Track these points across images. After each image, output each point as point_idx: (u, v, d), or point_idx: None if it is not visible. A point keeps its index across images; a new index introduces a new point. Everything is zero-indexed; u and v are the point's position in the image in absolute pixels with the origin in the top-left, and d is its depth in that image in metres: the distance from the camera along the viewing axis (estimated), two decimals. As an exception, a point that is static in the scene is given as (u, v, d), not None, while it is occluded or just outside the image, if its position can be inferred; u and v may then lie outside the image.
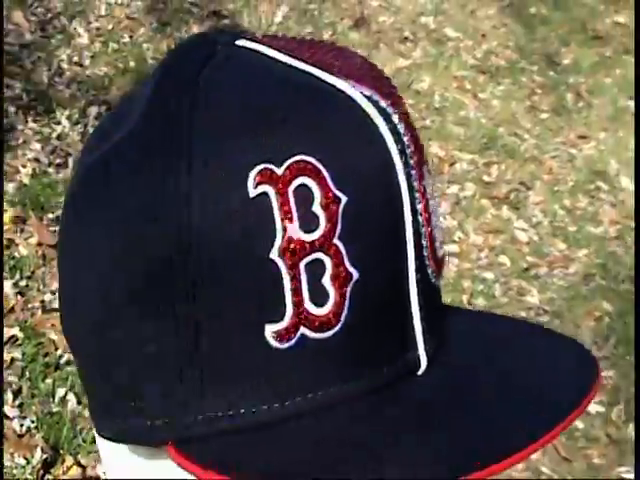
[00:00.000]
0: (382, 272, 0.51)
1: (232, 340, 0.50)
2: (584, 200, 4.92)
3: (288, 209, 0.49)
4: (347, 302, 0.50)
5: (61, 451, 2.70)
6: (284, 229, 0.49)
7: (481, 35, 6.10)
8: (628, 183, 4.98)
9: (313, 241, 0.49)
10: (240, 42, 0.57)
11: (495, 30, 6.19)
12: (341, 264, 0.49)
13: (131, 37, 4.81)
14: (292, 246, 0.49)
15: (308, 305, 0.49)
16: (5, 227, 3.32)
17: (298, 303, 0.49)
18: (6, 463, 2.61)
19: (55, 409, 2.80)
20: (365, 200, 0.50)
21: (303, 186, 0.49)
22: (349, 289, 0.50)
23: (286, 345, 0.50)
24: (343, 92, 0.52)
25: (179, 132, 0.51)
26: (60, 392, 2.85)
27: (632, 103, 5.48)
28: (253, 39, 0.57)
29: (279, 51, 0.55)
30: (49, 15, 4.65)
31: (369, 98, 0.52)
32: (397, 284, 0.52)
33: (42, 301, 3.12)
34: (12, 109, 3.86)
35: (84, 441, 2.73)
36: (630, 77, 5.65)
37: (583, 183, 5.05)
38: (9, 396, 2.79)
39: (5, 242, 3.27)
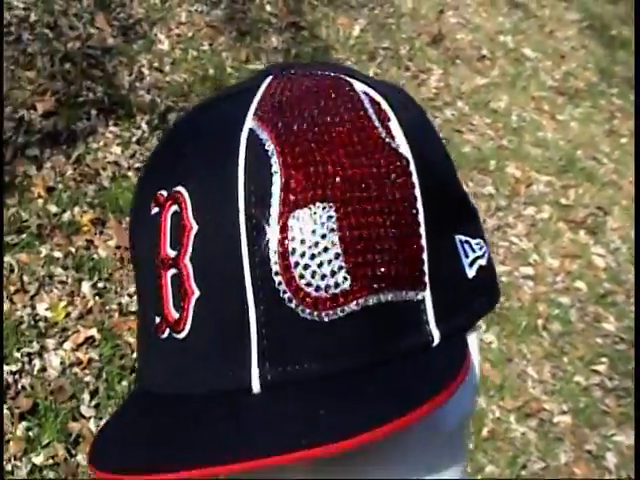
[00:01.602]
0: (221, 296, 0.58)
1: (144, 323, 0.64)
2: (663, 227, 4.82)
3: (164, 227, 0.61)
4: (190, 313, 0.59)
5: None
6: (160, 243, 0.61)
7: (560, 56, 6.03)
8: None
9: (173, 258, 0.60)
10: (266, 80, 0.65)
11: (575, 51, 6.11)
12: (187, 281, 0.59)
13: (211, 45, 4.81)
14: (162, 258, 0.60)
15: (170, 308, 0.60)
16: (85, 228, 3.32)
17: (164, 305, 0.61)
18: (82, 463, 2.60)
19: (130, 412, 2.78)
20: (210, 231, 0.59)
21: (175, 213, 0.60)
22: (192, 303, 0.59)
23: (162, 336, 0.61)
24: (237, 136, 0.59)
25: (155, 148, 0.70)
26: (136, 396, 2.82)
27: None
28: (279, 79, 0.65)
29: (263, 93, 0.64)
30: (131, 21, 4.67)
31: (259, 141, 0.59)
32: (235, 310, 0.58)
33: (119, 304, 3.11)
34: (94, 112, 3.86)
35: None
36: None
37: (663, 210, 4.95)
38: (86, 396, 2.78)
39: (84, 243, 3.27)
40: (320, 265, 0.57)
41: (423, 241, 0.60)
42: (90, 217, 3.37)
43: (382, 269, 0.58)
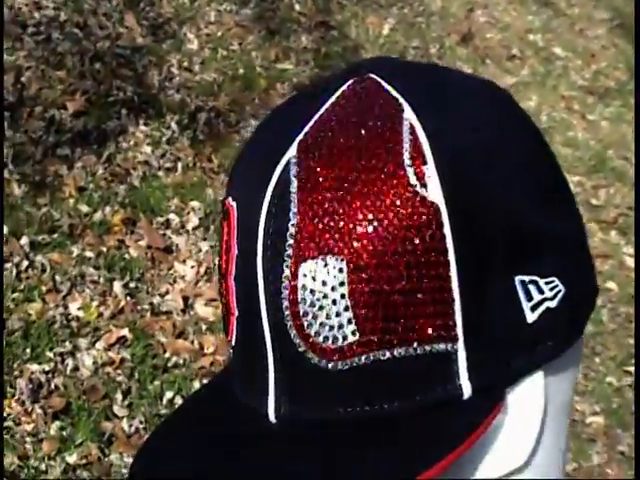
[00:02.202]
0: (248, 322, 0.60)
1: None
2: (695, 227, 4.78)
3: (221, 236, 0.62)
4: (234, 330, 0.61)
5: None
6: (222, 249, 0.62)
7: (590, 55, 6.00)
8: None
9: (222, 273, 0.62)
10: (344, 85, 0.64)
11: (605, 50, 6.08)
12: (232, 298, 0.61)
13: (240, 44, 4.81)
14: (221, 265, 0.62)
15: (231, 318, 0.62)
16: (116, 228, 3.32)
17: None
18: (115, 462, 2.60)
19: (163, 411, 2.78)
20: (240, 258, 0.60)
21: (225, 222, 0.62)
22: (233, 321, 0.61)
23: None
24: (277, 163, 0.59)
25: None
26: (168, 395, 2.83)
27: None
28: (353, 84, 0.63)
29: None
30: (160, 20, 4.67)
31: (286, 183, 0.58)
32: (257, 340, 0.59)
33: (151, 303, 3.11)
34: (124, 112, 3.87)
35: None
36: None
37: (694, 210, 4.90)
38: (119, 396, 2.78)
39: (115, 243, 3.27)
40: (328, 317, 0.56)
41: (455, 293, 0.56)
42: (121, 217, 3.37)
43: (394, 324, 0.56)
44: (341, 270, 0.56)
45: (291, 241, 0.57)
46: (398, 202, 0.55)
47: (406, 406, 0.57)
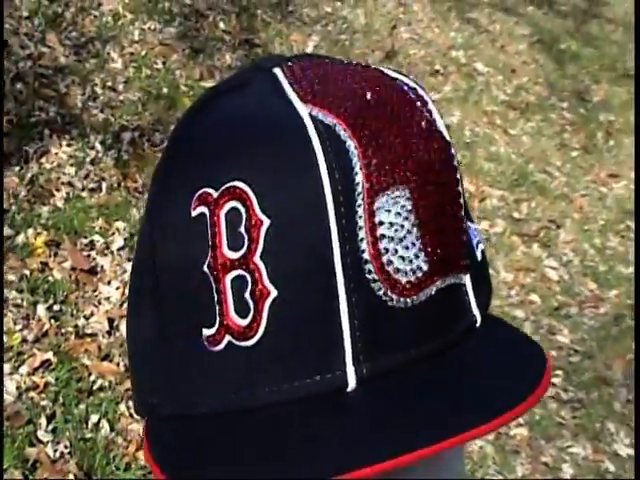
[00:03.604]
0: (304, 291, 0.54)
1: (179, 339, 0.59)
2: (614, 240, 4.88)
3: (218, 228, 0.55)
4: (265, 315, 0.54)
5: (94, 477, 2.66)
6: (213, 246, 0.55)
7: (511, 70, 6.09)
8: (659, 223, 4.94)
9: (237, 259, 0.55)
10: (276, 70, 0.62)
11: (525, 66, 6.18)
12: (259, 281, 0.54)
13: (164, 63, 4.80)
14: (219, 262, 0.55)
15: (232, 315, 0.55)
16: (39, 250, 3.30)
17: (223, 313, 0.55)
18: (39, 489, 2.58)
19: (88, 435, 2.77)
20: (287, 223, 0.54)
21: (234, 209, 0.55)
22: (267, 304, 0.54)
23: (216, 349, 0.56)
24: (299, 122, 0.56)
25: (159, 162, 0.64)
26: (93, 418, 2.82)
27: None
28: (287, 67, 0.62)
29: (287, 78, 0.60)
30: (83, 39, 4.64)
31: (326, 127, 0.56)
32: (323, 304, 0.54)
33: (75, 326, 3.09)
34: (47, 132, 3.84)
35: (117, 468, 2.70)
36: (661, 117, 5.62)
37: (613, 222, 5.01)
38: (43, 420, 2.76)
39: (39, 266, 3.24)
40: (407, 248, 0.56)
41: (464, 224, 0.60)
42: (44, 239, 3.35)
43: (449, 251, 0.58)
44: (408, 199, 0.56)
45: (361, 181, 0.55)
46: (428, 134, 0.59)
47: (456, 335, 0.59)
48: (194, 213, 0.57)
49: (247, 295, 0.55)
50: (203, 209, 0.56)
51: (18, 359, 2.92)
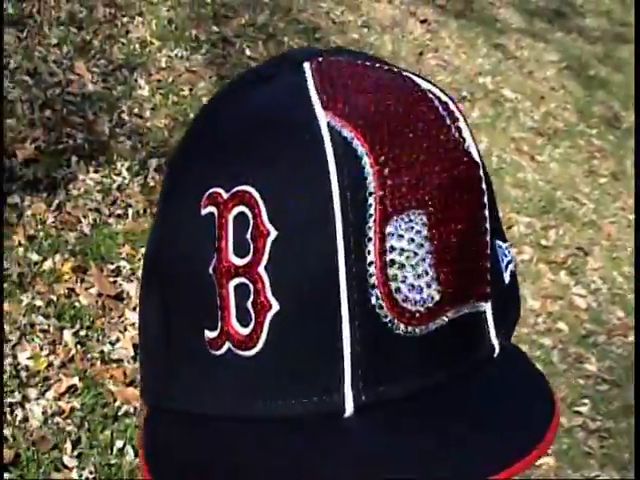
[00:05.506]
0: (306, 311, 0.53)
1: (183, 335, 0.58)
2: (644, 267, 4.85)
3: (225, 231, 0.54)
4: (266, 329, 0.53)
5: (118, 505, 2.67)
6: (219, 249, 0.54)
7: (539, 97, 6.08)
8: (689, 251, 4.90)
9: (241, 266, 0.53)
10: (305, 65, 0.59)
11: (553, 92, 6.17)
12: (262, 293, 0.53)
13: (191, 90, 4.82)
14: (223, 266, 0.54)
15: (234, 323, 0.54)
16: (66, 276, 3.31)
17: (224, 319, 0.54)
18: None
19: (113, 461, 2.77)
20: (294, 238, 0.53)
21: (242, 214, 0.53)
22: (268, 317, 0.53)
23: (217, 353, 0.55)
24: (317, 133, 0.54)
25: (176, 153, 0.63)
26: (118, 444, 2.82)
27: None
28: (317, 62, 0.59)
29: (314, 78, 0.58)
30: (111, 67, 4.68)
31: (344, 140, 0.53)
32: (325, 326, 0.53)
33: (101, 352, 3.10)
34: (74, 159, 3.86)
35: (141, 497, 2.69)
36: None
37: (642, 250, 4.98)
38: (68, 445, 2.76)
39: (65, 292, 3.26)
40: (418, 277, 0.53)
41: (488, 249, 0.58)
42: (71, 265, 3.36)
43: (466, 280, 0.56)
44: (424, 225, 0.53)
45: (373, 202, 0.52)
46: (454, 154, 0.56)
47: (468, 365, 0.57)
48: (203, 212, 0.55)
49: (249, 305, 0.53)
50: (212, 209, 0.55)
51: (44, 384, 2.92)
